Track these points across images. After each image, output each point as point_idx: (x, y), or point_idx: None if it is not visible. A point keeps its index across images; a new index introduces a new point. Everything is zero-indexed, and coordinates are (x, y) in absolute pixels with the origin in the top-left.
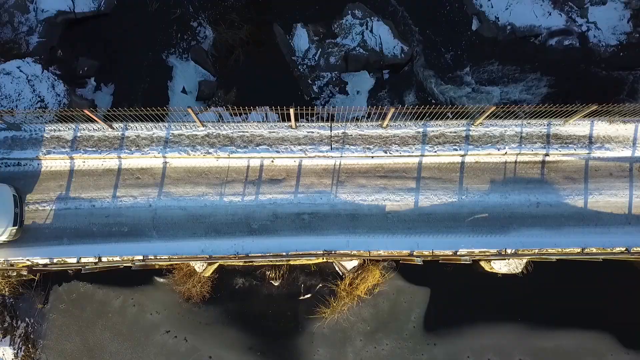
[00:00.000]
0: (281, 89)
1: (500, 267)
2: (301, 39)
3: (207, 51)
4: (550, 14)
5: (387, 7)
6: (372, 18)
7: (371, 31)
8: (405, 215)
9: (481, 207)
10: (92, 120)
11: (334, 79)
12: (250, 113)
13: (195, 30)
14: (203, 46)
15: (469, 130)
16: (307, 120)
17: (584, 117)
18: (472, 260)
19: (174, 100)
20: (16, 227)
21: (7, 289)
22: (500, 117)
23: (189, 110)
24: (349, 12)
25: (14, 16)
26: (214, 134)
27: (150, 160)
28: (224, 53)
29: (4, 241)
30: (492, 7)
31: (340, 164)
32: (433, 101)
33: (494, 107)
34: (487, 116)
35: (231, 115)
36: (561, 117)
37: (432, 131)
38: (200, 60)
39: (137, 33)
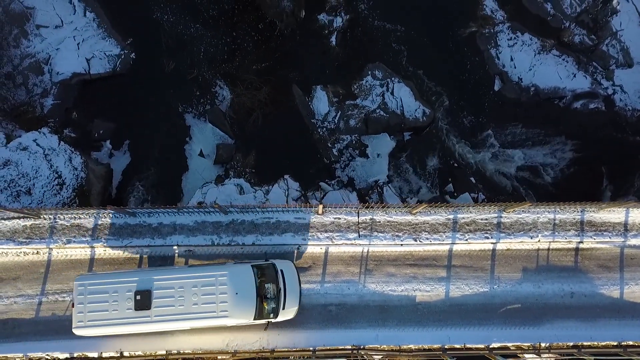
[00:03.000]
0: (301, 152)
1: None
2: (321, 101)
3: (224, 112)
4: (574, 76)
5: (408, 67)
6: (393, 79)
7: (392, 93)
8: (436, 306)
9: (514, 298)
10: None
11: (353, 141)
12: (272, 186)
13: (212, 91)
14: (221, 107)
15: (501, 217)
16: (327, 182)
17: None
18: (505, 357)
19: (191, 164)
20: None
21: None
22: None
23: (216, 206)
24: (369, 72)
25: (29, 78)
26: (239, 220)
27: (173, 247)
28: (242, 115)
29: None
30: (514, 67)
31: (368, 252)
32: (455, 164)
33: (529, 204)
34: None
35: (252, 186)
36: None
37: (463, 218)
38: (218, 122)
39: (153, 94)
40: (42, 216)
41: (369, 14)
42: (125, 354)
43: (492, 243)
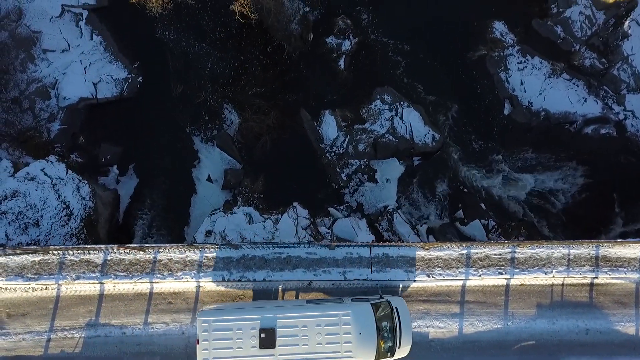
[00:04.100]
0: (309, 177)
1: None
2: (329, 126)
3: (233, 137)
4: (585, 100)
5: (417, 91)
6: (402, 103)
7: (401, 118)
8: (449, 343)
9: (528, 334)
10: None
11: (362, 166)
12: (281, 215)
13: (220, 115)
14: (229, 132)
15: (515, 252)
16: (336, 207)
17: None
18: None
19: (200, 189)
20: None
21: None
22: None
23: (230, 244)
24: (378, 96)
25: (35, 103)
26: (249, 255)
27: (183, 283)
28: (250, 139)
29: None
30: (525, 91)
31: (380, 287)
32: (465, 190)
33: (543, 242)
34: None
35: (261, 214)
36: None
37: (476, 253)
38: (226, 147)
39: (161, 118)
40: (50, 252)
41: (378, 37)
42: None
43: (505, 279)
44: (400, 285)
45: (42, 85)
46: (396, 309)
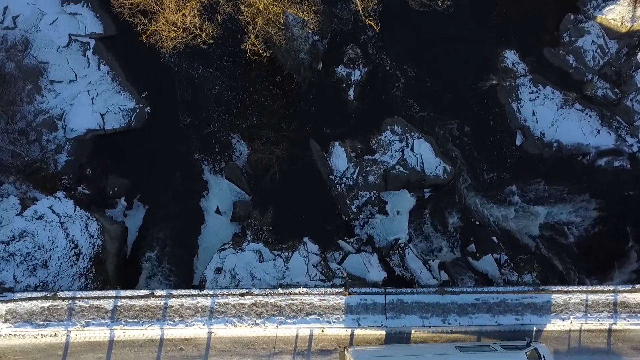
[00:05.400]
0: (319, 209)
1: None
2: (339, 157)
3: (242, 168)
4: (598, 132)
5: (427, 122)
6: (413, 134)
7: (411, 149)
8: None
9: None
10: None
11: (373, 198)
12: (292, 253)
13: (229, 146)
14: (237, 163)
15: (532, 298)
16: (346, 240)
17: None
18: None
19: (208, 221)
20: None
21: None
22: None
23: (242, 295)
24: (388, 127)
25: (42, 134)
26: (262, 302)
27: (195, 329)
28: (259, 171)
29: None
30: (537, 122)
31: (394, 334)
32: (477, 222)
33: (562, 291)
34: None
35: (271, 251)
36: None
37: (493, 298)
38: (234, 178)
39: (169, 149)
40: (60, 299)
41: (388, 67)
42: None
43: (521, 325)
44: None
45: (49, 116)
46: (543, 356)
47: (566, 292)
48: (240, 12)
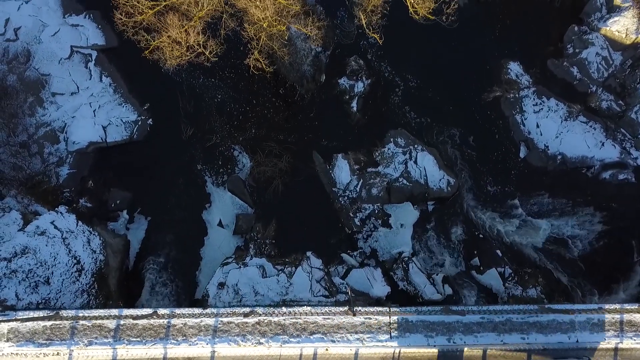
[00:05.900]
0: (322, 222)
1: None
2: (342, 170)
3: (244, 181)
4: (603, 144)
5: (431, 134)
6: (416, 146)
7: (415, 162)
8: None
9: None
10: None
11: (376, 211)
12: (295, 268)
13: (231, 158)
14: (240, 175)
15: (537, 316)
16: (349, 253)
17: None
18: None
19: (211, 234)
20: None
21: None
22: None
23: (246, 315)
24: (391, 139)
25: (44, 147)
26: (265, 321)
27: (198, 348)
28: (262, 183)
29: None
30: (541, 134)
31: (399, 353)
32: (481, 235)
33: (570, 313)
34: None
35: (274, 266)
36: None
37: (499, 318)
38: (237, 191)
39: (171, 161)
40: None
41: (392, 79)
42: None
43: (527, 344)
44: (419, 351)
45: (51, 129)
46: None
47: (572, 312)
48: (244, 28)
